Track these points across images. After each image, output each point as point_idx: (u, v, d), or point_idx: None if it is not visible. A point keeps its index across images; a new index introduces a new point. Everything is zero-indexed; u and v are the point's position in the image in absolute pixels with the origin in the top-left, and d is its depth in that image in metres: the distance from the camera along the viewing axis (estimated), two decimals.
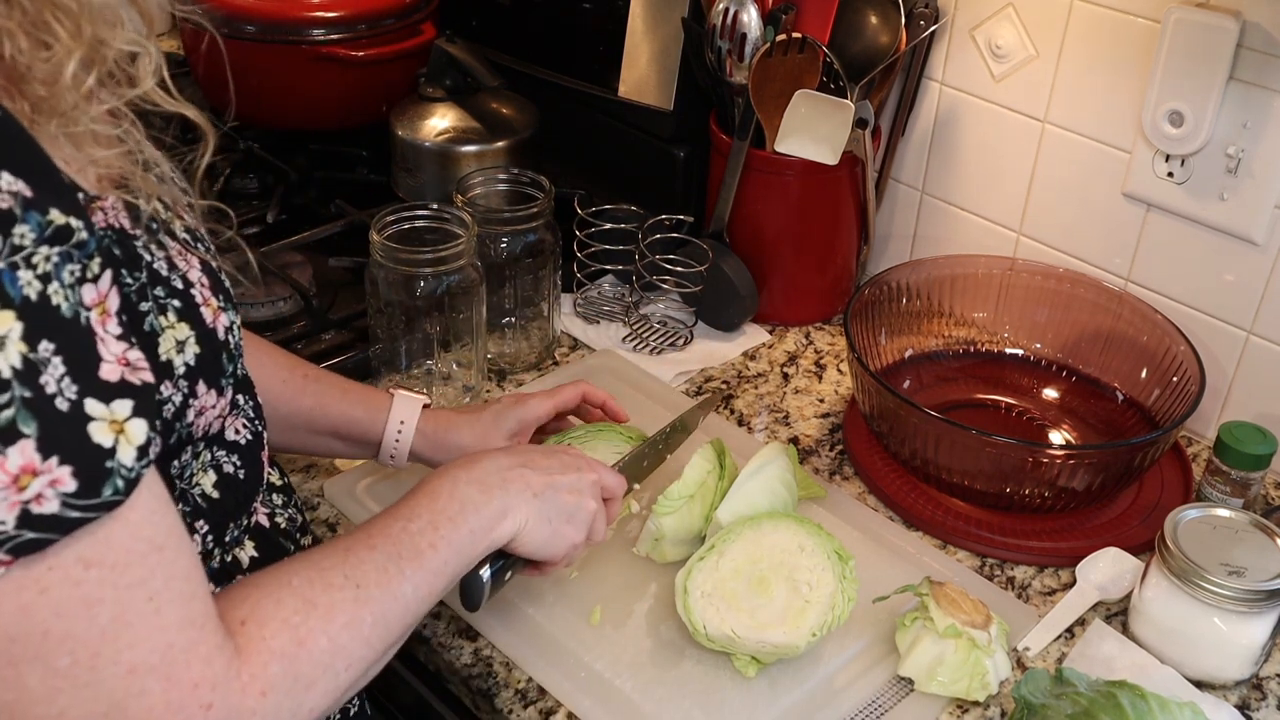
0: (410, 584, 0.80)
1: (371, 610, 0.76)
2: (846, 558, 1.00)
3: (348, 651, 0.74)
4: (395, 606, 0.78)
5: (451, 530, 0.84)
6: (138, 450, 0.61)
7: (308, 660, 0.71)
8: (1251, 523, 1.02)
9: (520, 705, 0.97)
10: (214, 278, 0.76)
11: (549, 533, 0.91)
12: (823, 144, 1.32)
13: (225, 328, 0.75)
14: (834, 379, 1.38)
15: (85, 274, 0.61)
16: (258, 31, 1.55)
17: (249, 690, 0.68)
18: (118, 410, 0.60)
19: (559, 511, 0.92)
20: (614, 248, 1.44)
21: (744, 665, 0.97)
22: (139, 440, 0.61)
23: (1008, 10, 1.32)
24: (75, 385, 0.58)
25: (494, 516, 0.87)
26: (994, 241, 1.42)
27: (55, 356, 0.58)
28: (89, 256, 0.61)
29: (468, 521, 0.85)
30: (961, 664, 0.96)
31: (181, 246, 0.75)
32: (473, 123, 1.49)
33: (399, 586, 0.79)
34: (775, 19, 1.33)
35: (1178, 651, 1.01)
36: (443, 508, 0.85)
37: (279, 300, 1.38)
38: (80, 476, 0.58)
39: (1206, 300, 1.26)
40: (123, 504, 0.60)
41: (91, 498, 0.59)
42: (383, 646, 0.77)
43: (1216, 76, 1.15)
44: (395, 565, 0.79)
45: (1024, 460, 1.11)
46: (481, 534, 0.86)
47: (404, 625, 0.80)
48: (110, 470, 0.59)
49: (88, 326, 0.60)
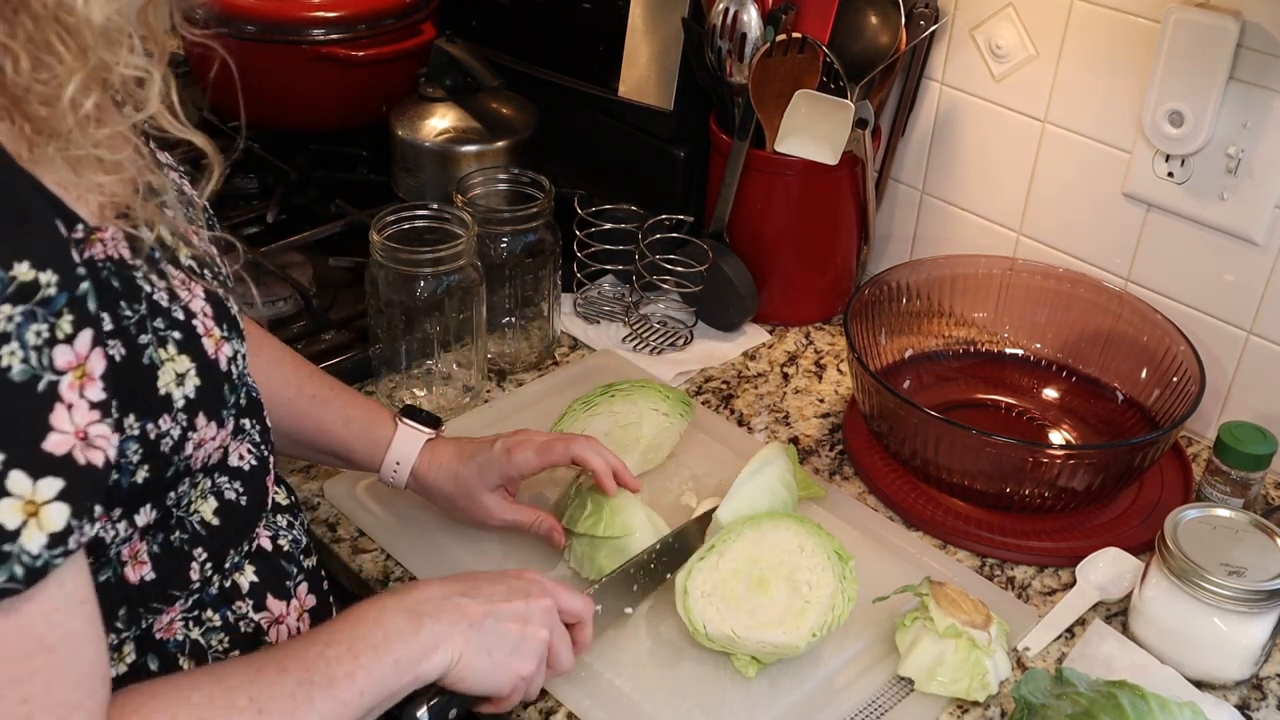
0: (318, 714, 0.73)
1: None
2: (846, 558, 1.00)
3: None
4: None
5: (372, 659, 0.77)
6: (50, 538, 0.57)
7: None
8: (1251, 523, 1.02)
9: (520, 705, 0.97)
10: (218, 306, 0.75)
11: (488, 665, 0.83)
12: (823, 144, 1.32)
13: (228, 358, 0.74)
14: (834, 379, 1.38)
15: (55, 334, 0.58)
16: (258, 31, 1.55)
17: None
18: (42, 490, 0.57)
19: (500, 642, 0.84)
20: (614, 248, 1.44)
21: (744, 665, 0.97)
22: (53, 527, 0.57)
23: (1008, 10, 1.32)
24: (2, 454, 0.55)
25: (423, 648, 0.80)
26: (994, 241, 1.42)
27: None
28: (56, 314, 0.58)
29: (392, 651, 0.78)
30: (961, 664, 0.96)
31: (185, 275, 0.73)
32: (473, 123, 1.49)
33: (305, 716, 0.73)
34: (775, 19, 1.33)
35: (1178, 651, 1.01)
36: (365, 634, 0.78)
37: (279, 300, 1.38)
38: None
39: (1206, 300, 1.26)
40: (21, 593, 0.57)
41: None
42: None
43: (1216, 76, 1.15)
44: (305, 691, 0.73)
45: (1024, 460, 1.11)
46: (407, 666, 0.79)
47: None
48: (8, 554, 0.56)
49: (46, 392, 0.57)
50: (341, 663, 0.76)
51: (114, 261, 0.66)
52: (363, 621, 0.79)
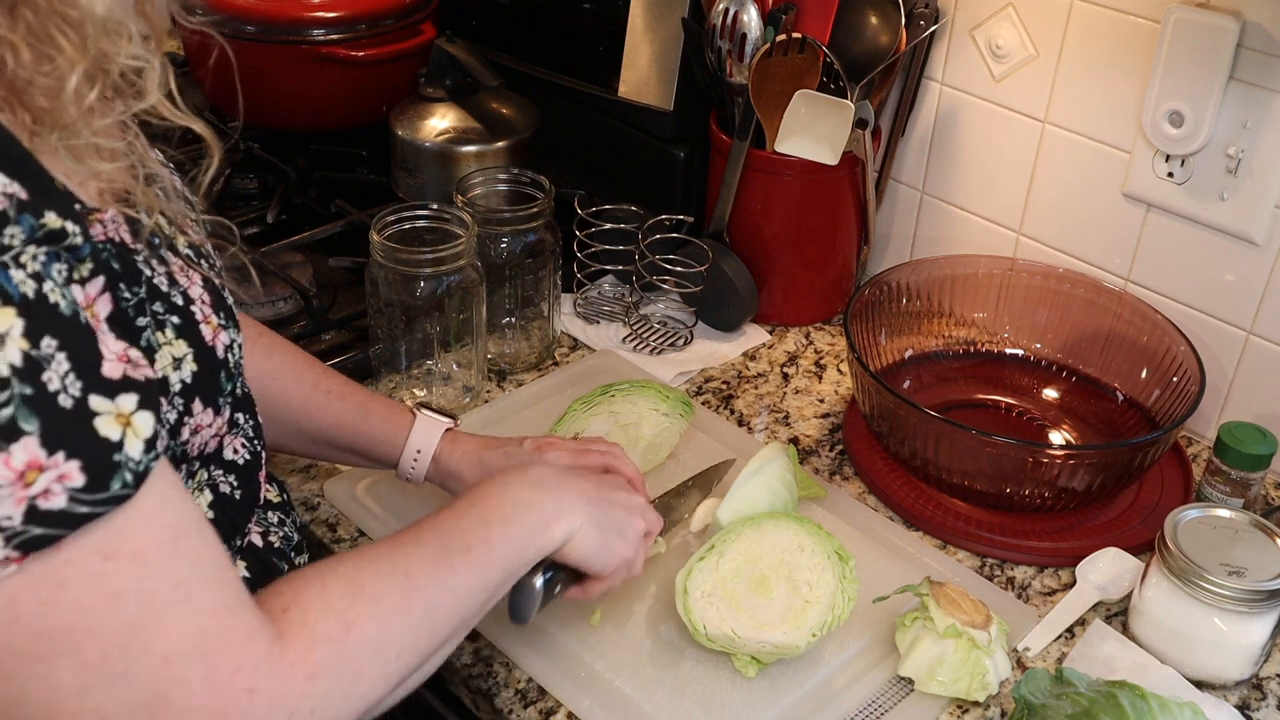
0: (461, 578, 0.78)
1: (421, 599, 0.75)
2: (846, 558, 1.00)
3: (397, 639, 0.73)
4: (445, 598, 0.77)
5: (504, 527, 0.83)
6: (145, 443, 0.60)
7: (355, 645, 0.70)
8: (1251, 523, 1.02)
9: (520, 705, 0.97)
10: (215, 295, 0.75)
11: (600, 542, 0.89)
12: (823, 144, 1.32)
13: (225, 346, 0.74)
14: (834, 379, 1.38)
15: (73, 275, 0.60)
16: (258, 31, 1.55)
17: (294, 674, 0.66)
18: (123, 404, 0.60)
19: (611, 523, 0.91)
20: (614, 248, 1.44)
21: (744, 665, 0.97)
22: (146, 433, 0.60)
23: (1008, 10, 1.32)
24: (80, 382, 0.58)
25: (548, 517, 0.86)
26: (994, 241, 1.42)
27: (59, 353, 0.58)
28: (79, 260, 0.61)
29: (520, 520, 0.84)
30: (961, 664, 0.96)
31: (183, 263, 0.74)
32: (473, 123, 1.49)
33: (449, 579, 0.78)
34: (775, 19, 1.33)
35: (1178, 651, 1.01)
36: (494, 506, 0.85)
37: (279, 300, 1.38)
38: (88, 471, 0.58)
39: (1206, 300, 1.26)
40: (133, 497, 0.60)
41: (100, 492, 0.58)
42: (434, 638, 0.76)
43: (1216, 76, 1.15)
44: (446, 558, 0.78)
45: (1024, 460, 1.11)
46: (536, 533, 0.85)
47: (456, 619, 0.78)
48: (118, 464, 0.59)
49: (87, 324, 0.60)
50: (475, 532, 0.81)
51: (114, 244, 0.67)
52: (489, 497, 0.85)
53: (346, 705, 0.69)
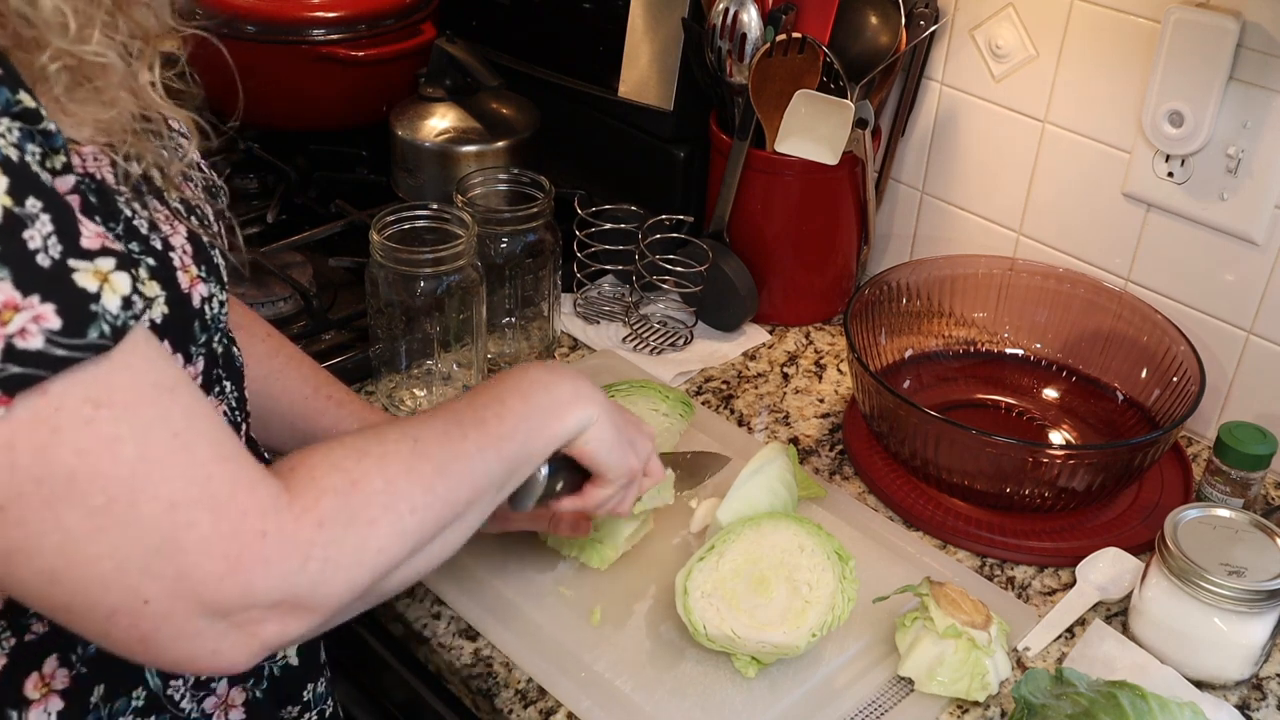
0: (472, 444, 0.78)
1: (432, 461, 0.75)
2: (846, 558, 1.00)
3: (409, 495, 0.72)
4: (458, 463, 0.76)
5: (520, 403, 0.83)
6: (122, 299, 0.61)
7: (363, 498, 0.70)
8: (1251, 523, 1.02)
9: (520, 705, 0.97)
10: (199, 248, 0.75)
11: (615, 439, 0.89)
12: (823, 144, 1.32)
13: (203, 297, 0.74)
14: (834, 379, 1.38)
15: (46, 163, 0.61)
16: (258, 31, 1.55)
17: (303, 520, 0.67)
18: (101, 264, 0.60)
19: (627, 426, 0.91)
20: (614, 248, 1.44)
21: (744, 665, 0.97)
22: (123, 290, 0.61)
23: (1008, 10, 1.32)
24: (60, 246, 0.59)
25: (565, 399, 0.85)
26: (994, 241, 1.42)
27: (44, 214, 0.58)
28: (53, 149, 0.61)
29: (537, 400, 0.84)
30: (961, 664, 0.96)
31: (169, 213, 0.73)
32: (473, 123, 1.49)
33: (460, 445, 0.77)
34: (775, 19, 1.33)
35: (1178, 651, 1.01)
36: (511, 385, 0.84)
37: (279, 300, 1.38)
38: (64, 315, 0.58)
39: (1206, 300, 1.26)
40: (113, 349, 0.60)
41: (76, 337, 0.59)
42: (448, 500, 0.75)
43: (1216, 76, 1.15)
44: (457, 428, 0.78)
45: (1024, 460, 1.11)
46: (552, 414, 0.84)
47: (471, 484, 0.77)
48: (95, 314, 0.59)
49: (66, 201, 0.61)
50: (489, 407, 0.81)
51: (92, 178, 0.67)
52: (507, 378, 0.86)
53: (360, 555, 0.69)
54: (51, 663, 0.74)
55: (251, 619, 0.65)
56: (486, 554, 1.09)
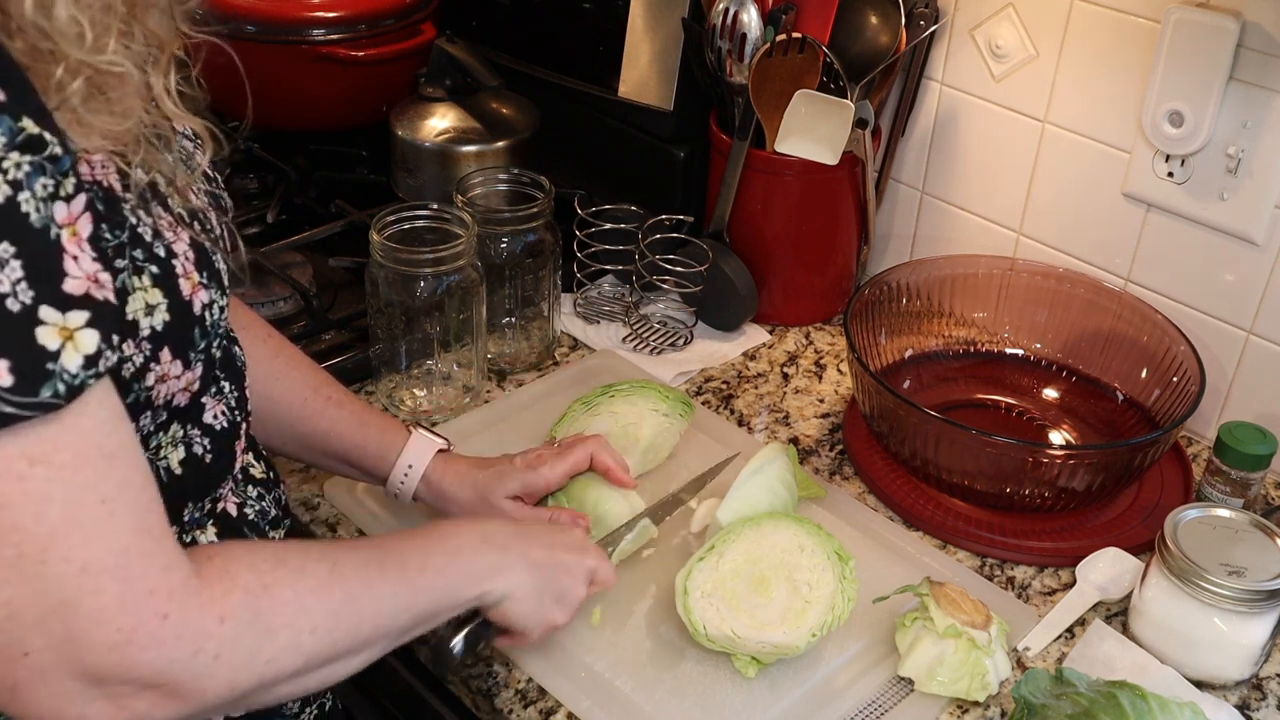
0: (388, 585, 0.79)
1: (344, 589, 0.75)
2: (846, 558, 1.00)
3: (313, 616, 0.73)
4: (367, 598, 0.77)
5: (443, 562, 0.84)
6: (85, 359, 0.61)
7: (270, 605, 0.71)
8: (1251, 523, 1.02)
9: (520, 705, 0.97)
10: (202, 255, 0.75)
11: (534, 607, 0.90)
12: (823, 144, 1.32)
13: (204, 304, 0.74)
14: (834, 379, 1.38)
15: (58, 191, 0.61)
16: (258, 31, 1.55)
17: (207, 611, 0.67)
18: (71, 320, 0.61)
19: (551, 589, 0.91)
20: (614, 248, 1.44)
21: (744, 665, 0.97)
22: (88, 349, 0.61)
23: (1008, 10, 1.32)
24: (31, 291, 0.59)
25: (487, 571, 0.86)
26: (994, 241, 1.42)
27: (14, 260, 0.58)
28: (63, 174, 0.61)
29: (461, 564, 0.85)
30: (961, 664, 0.96)
31: (173, 220, 0.74)
32: (473, 123, 1.49)
33: (376, 583, 0.78)
34: (775, 19, 1.33)
35: (1178, 651, 1.01)
36: (438, 542, 0.86)
37: (279, 300, 1.38)
38: (17, 373, 0.58)
39: (1206, 300, 1.26)
40: (64, 408, 0.60)
41: (28, 396, 0.59)
42: (350, 632, 0.76)
43: (1216, 76, 1.15)
44: (377, 566, 0.79)
45: (1024, 460, 1.11)
46: (471, 582, 0.85)
47: (374, 623, 0.78)
48: (51, 372, 0.60)
49: (56, 241, 0.61)
50: (414, 556, 0.82)
51: (100, 185, 0.67)
52: (435, 533, 0.87)
53: (253, 661, 0.69)
54: None
55: (125, 693, 0.65)
56: None
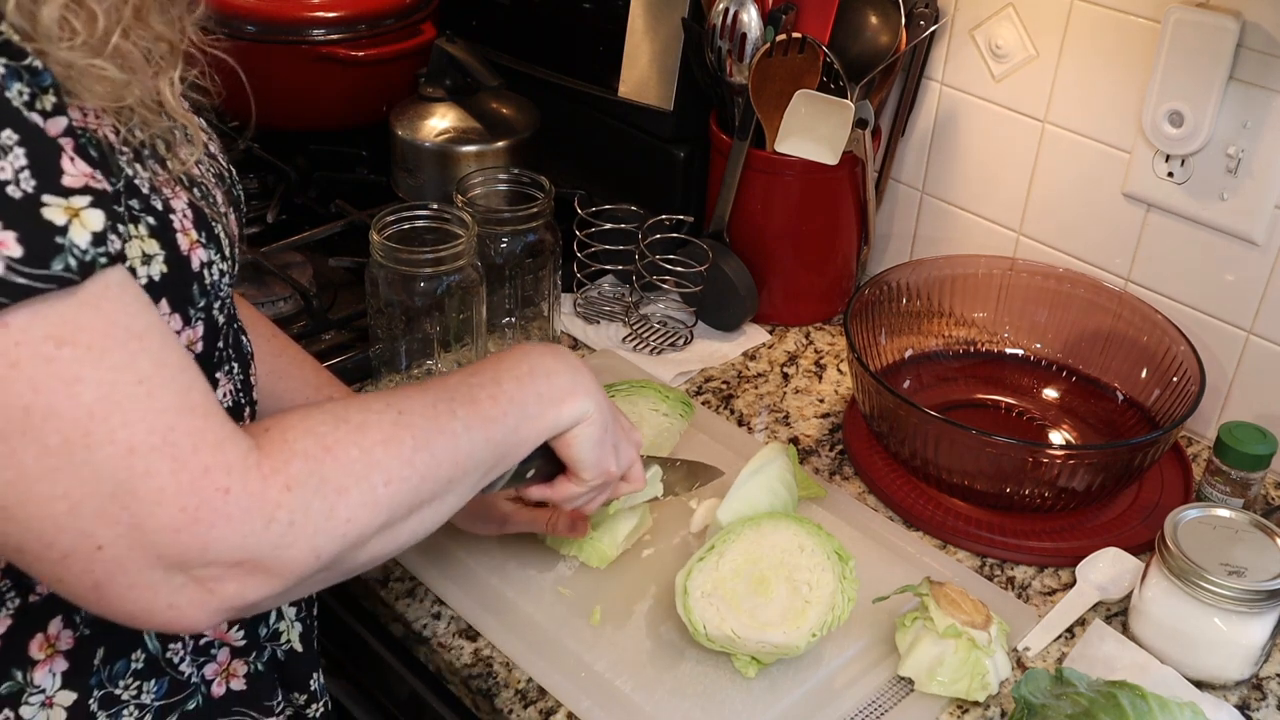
0: (460, 422, 0.76)
1: (414, 435, 0.72)
2: (846, 558, 1.00)
3: (385, 467, 0.70)
4: (442, 439, 0.74)
5: (515, 387, 0.80)
6: (93, 235, 0.60)
7: (335, 465, 0.68)
8: (1251, 523, 1.02)
9: (520, 705, 0.97)
10: (200, 217, 0.74)
11: (601, 439, 0.87)
12: (823, 144, 1.32)
13: (202, 262, 0.73)
14: (834, 379, 1.38)
15: (34, 103, 0.60)
16: (258, 31, 1.55)
17: (270, 482, 0.65)
18: (75, 201, 0.60)
19: (616, 427, 0.89)
20: (614, 248, 1.44)
21: (744, 665, 0.97)
22: (95, 226, 0.60)
23: (1008, 10, 1.32)
24: (34, 181, 0.58)
25: (563, 390, 0.83)
26: (994, 241, 1.42)
27: (19, 148, 0.58)
28: (42, 88, 0.60)
29: (536, 385, 0.82)
30: (961, 664, 0.96)
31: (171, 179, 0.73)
32: (473, 123, 1.49)
33: (447, 422, 0.75)
34: (775, 19, 1.33)
35: (1178, 651, 1.01)
36: (510, 366, 0.82)
37: (279, 300, 1.38)
38: (25, 244, 0.57)
39: (1206, 300, 1.26)
40: (80, 285, 0.60)
41: (38, 267, 0.58)
42: (430, 476, 0.73)
43: (1216, 76, 1.15)
44: (446, 405, 0.76)
45: (1024, 460, 1.11)
46: (548, 402, 0.82)
47: (453, 463, 0.75)
48: (60, 246, 0.59)
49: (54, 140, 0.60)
50: (484, 387, 0.79)
51: (93, 135, 0.66)
52: (507, 357, 0.83)
53: (330, 523, 0.67)
54: (56, 624, 0.74)
55: (210, 576, 0.64)
56: (486, 554, 1.09)
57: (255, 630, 0.86)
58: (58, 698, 0.75)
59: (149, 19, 0.68)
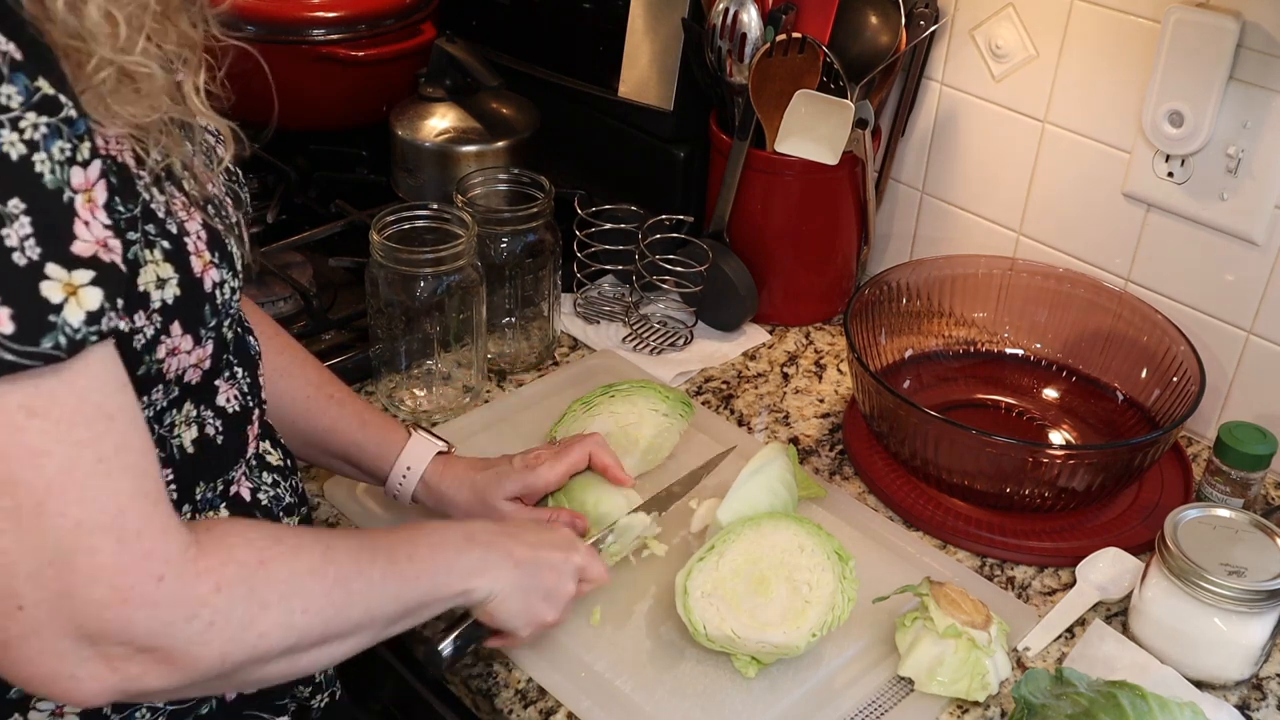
0: (379, 571, 0.79)
1: (337, 571, 0.76)
2: (846, 558, 1.00)
3: (306, 594, 0.73)
4: (359, 583, 0.78)
5: (429, 555, 0.85)
6: (87, 315, 0.61)
7: (265, 580, 0.71)
8: (1251, 523, 1.02)
9: (520, 705, 0.97)
10: (214, 237, 0.76)
11: (521, 605, 0.91)
12: (823, 144, 1.32)
13: (214, 283, 0.75)
14: (834, 379, 1.38)
15: (75, 155, 0.61)
16: (258, 31, 1.55)
17: (203, 579, 0.67)
18: (77, 277, 0.61)
19: (537, 587, 0.92)
20: (614, 248, 1.44)
21: (744, 665, 0.97)
22: (90, 306, 0.61)
23: (1008, 10, 1.32)
24: (39, 249, 0.59)
25: (472, 568, 0.87)
26: (994, 241, 1.42)
27: (24, 216, 0.59)
28: (79, 138, 0.62)
29: (446, 560, 0.86)
30: (961, 664, 0.96)
31: (187, 202, 0.75)
32: (473, 123, 1.49)
33: (367, 569, 0.78)
34: (775, 19, 1.33)
35: (1178, 651, 1.01)
36: (425, 536, 0.87)
37: (279, 300, 1.38)
38: (19, 320, 0.59)
39: (1206, 300, 1.26)
40: (65, 362, 0.61)
41: (28, 345, 0.59)
42: (341, 615, 0.76)
43: (1216, 76, 1.15)
44: (369, 554, 0.80)
45: (1024, 460, 1.11)
46: (456, 577, 0.86)
47: (365, 608, 0.78)
48: (53, 324, 0.60)
49: (69, 205, 0.61)
50: (402, 547, 0.83)
51: (114, 160, 0.68)
52: (422, 529, 0.88)
53: (246, 634, 0.69)
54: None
55: (118, 655, 0.65)
56: None
57: None
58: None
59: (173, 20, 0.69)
